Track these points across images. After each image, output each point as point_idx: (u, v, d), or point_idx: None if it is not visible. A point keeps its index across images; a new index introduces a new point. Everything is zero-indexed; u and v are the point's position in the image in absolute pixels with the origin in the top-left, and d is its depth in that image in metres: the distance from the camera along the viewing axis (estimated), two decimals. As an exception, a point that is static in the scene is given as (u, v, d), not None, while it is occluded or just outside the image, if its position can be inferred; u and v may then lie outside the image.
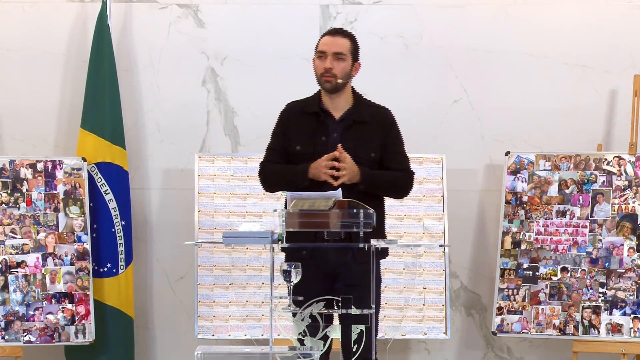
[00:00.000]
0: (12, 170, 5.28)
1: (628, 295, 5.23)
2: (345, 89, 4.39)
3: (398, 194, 4.51)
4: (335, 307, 3.89)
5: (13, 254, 5.23)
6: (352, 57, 4.38)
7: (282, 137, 4.44)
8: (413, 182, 4.49)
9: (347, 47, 4.38)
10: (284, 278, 3.77)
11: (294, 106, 4.49)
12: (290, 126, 4.43)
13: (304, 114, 4.42)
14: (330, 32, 4.44)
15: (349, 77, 4.39)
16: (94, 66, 5.45)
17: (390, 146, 4.43)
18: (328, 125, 4.38)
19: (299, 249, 4.13)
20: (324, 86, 4.37)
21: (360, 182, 4.28)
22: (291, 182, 4.32)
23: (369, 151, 4.36)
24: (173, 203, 5.64)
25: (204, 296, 5.30)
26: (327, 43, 4.38)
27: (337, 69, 4.34)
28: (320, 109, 4.40)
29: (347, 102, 4.42)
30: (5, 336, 5.19)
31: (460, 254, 5.63)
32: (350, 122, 4.38)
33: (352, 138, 4.34)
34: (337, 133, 4.36)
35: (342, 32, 4.44)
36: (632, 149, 5.35)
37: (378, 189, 4.37)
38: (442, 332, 5.32)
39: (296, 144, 4.38)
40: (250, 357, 3.76)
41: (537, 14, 5.65)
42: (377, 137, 4.39)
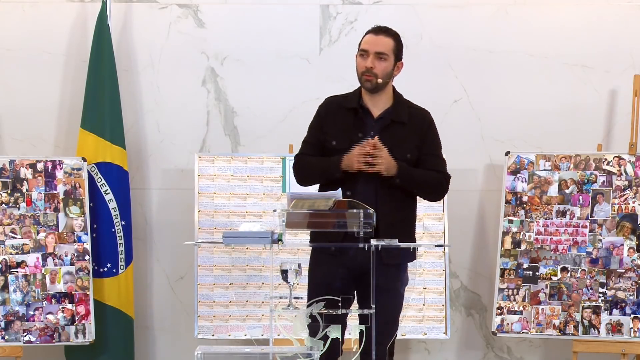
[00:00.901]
0: (12, 170, 5.28)
1: (628, 295, 5.23)
2: (386, 88, 4.36)
3: (433, 194, 4.45)
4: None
5: (13, 254, 5.23)
6: (394, 57, 4.34)
7: (318, 130, 4.39)
8: (448, 185, 4.43)
9: (390, 46, 4.33)
10: (282, 278, 3.77)
11: (333, 101, 4.45)
12: (328, 120, 4.38)
13: (342, 109, 4.37)
14: (373, 30, 4.38)
15: (390, 77, 4.35)
16: (94, 66, 5.45)
17: (427, 148, 4.38)
18: (366, 122, 4.34)
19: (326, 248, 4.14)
20: (365, 85, 4.33)
21: (396, 176, 4.23)
22: (324, 174, 4.30)
23: (405, 152, 4.31)
24: (173, 203, 5.64)
25: (204, 296, 5.30)
26: (370, 42, 4.33)
27: (378, 68, 4.29)
28: (360, 105, 4.36)
29: (387, 101, 4.38)
30: (5, 336, 5.19)
31: (460, 254, 5.63)
32: (388, 121, 4.34)
33: (389, 137, 4.29)
34: (375, 131, 4.31)
35: (386, 31, 4.37)
36: (632, 149, 5.35)
37: (413, 185, 4.31)
38: (442, 332, 5.32)
39: (332, 139, 4.33)
40: (250, 357, 3.76)
41: (537, 14, 5.65)
42: (414, 139, 4.35)
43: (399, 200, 4.17)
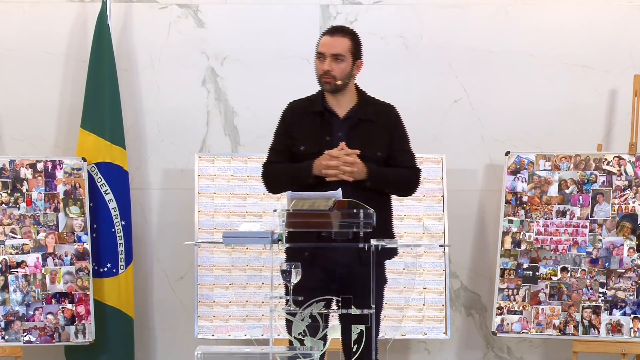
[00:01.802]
0: (12, 170, 5.28)
1: (628, 295, 5.23)
2: (348, 87, 4.33)
3: (405, 191, 4.44)
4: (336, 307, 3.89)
5: (13, 254, 5.23)
6: (352, 57, 4.31)
7: (285, 137, 4.37)
8: (420, 179, 4.42)
9: (347, 47, 4.30)
10: (283, 278, 3.77)
11: (297, 105, 4.42)
12: (294, 126, 4.36)
13: (307, 113, 4.35)
14: (329, 31, 4.36)
15: (349, 77, 4.32)
16: (94, 66, 5.45)
17: (397, 144, 4.37)
18: (332, 124, 4.32)
19: (301, 249, 4.08)
20: (324, 87, 4.31)
21: (367, 179, 4.23)
22: (295, 180, 4.27)
23: (376, 150, 4.30)
24: (173, 203, 5.64)
25: (204, 296, 5.30)
26: (326, 44, 4.30)
27: (336, 70, 4.27)
28: (325, 107, 4.33)
29: (351, 100, 4.36)
30: (5, 336, 5.19)
31: (460, 254, 5.63)
32: (355, 120, 4.32)
33: (358, 137, 4.28)
34: (342, 132, 4.30)
35: (342, 31, 4.35)
36: (632, 149, 5.35)
37: (385, 186, 4.31)
38: (442, 332, 5.32)
39: (300, 144, 4.31)
40: (250, 357, 3.76)
41: (537, 14, 5.65)
42: (383, 136, 4.34)
43: (373, 200, 4.09)
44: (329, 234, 3.88)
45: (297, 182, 4.26)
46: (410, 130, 5.59)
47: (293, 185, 4.28)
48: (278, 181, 4.37)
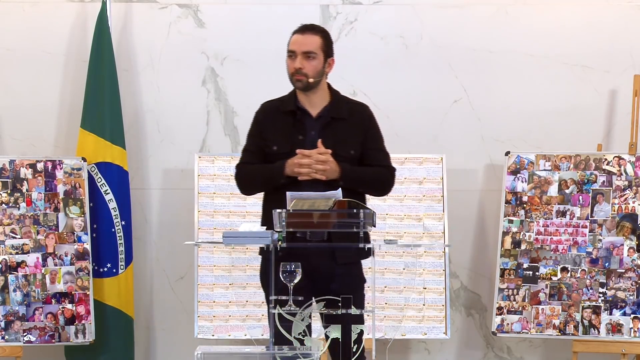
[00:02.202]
0: (12, 170, 5.28)
1: (628, 295, 5.23)
2: (320, 86, 4.30)
3: (380, 190, 4.40)
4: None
5: (13, 254, 5.23)
6: (324, 54, 4.28)
7: (258, 137, 4.35)
8: (394, 178, 4.39)
9: (318, 44, 4.27)
10: (283, 278, 3.76)
11: (269, 105, 4.41)
12: (267, 126, 4.34)
13: (280, 113, 4.33)
14: (300, 30, 4.32)
15: (321, 75, 4.29)
16: (94, 66, 5.45)
17: (370, 142, 4.33)
18: (305, 123, 4.30)
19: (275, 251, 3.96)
20: (296, 85, 4.29)
21: (340, 179, 4.20)
22: (268, 181, 4.26)
23: (349, 148, 4.27)
24: (173, 203, 5.64)
25: (204, 296, 5.30)
26: (297, 42, 4.28)
27: (307, 68, 4.24)
28: (297, 107, 4.31)
29: (323, 98, 4.33)
30: (5, 336, 5.19)
31: (460, 254, 5.63)
32: (328, 119, 4.29)
33: (331, 136, 4.25)
34: (315, 131, 4.27)
35: (313, 29, 4.31)
36: (632, 149, 5.35)
37: (359, 185, 4.26)
38: (442, 332, 5.32)
39: (273, 144, 4.29)
40: (250, 357, 3.76)
41: (537, 14, 5.65)
42: (356, 134, 4.30)
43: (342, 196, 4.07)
44: (303, 235, 3.86)
45: (270, 182, 4.25)
46: (410, 130, 5.63)
47: (266, 186, 4.29)
48: (251, 182, 4.35)
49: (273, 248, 3.82)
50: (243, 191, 4.43)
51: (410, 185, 5.36)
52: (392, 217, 5.33)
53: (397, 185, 5.25)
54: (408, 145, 5.50)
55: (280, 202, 4.11)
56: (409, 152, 5.42)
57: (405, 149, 5.42)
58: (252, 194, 4.49)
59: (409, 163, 5.38)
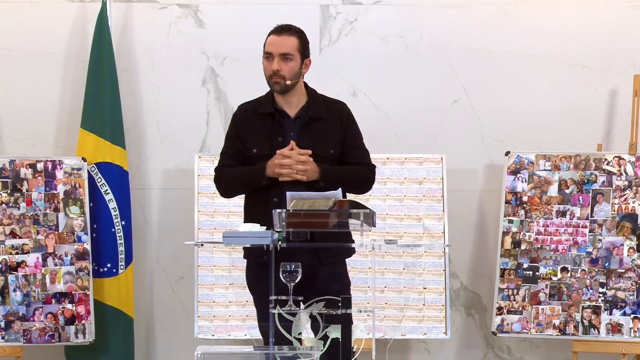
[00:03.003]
0: (12, 170, 5.28)
1: (628, 295, 5.23)
2: (297, 87, 4.29)
3: (360, 189, 4.39)
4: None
5: (13, 254, 5.23)
6: (300, 56, 4.27)
7: (236, 140, 4.33)
8: (375, 175, 4.38)
9: (294, 45, 4.26)
10: (283, 278, 3.76)
11: (247, 108, 4.39)
12: (245, 128, 4.32)
13: (258, 115, 4.31)
14: (276, 30, 4.31)
15: (298, 76, 4.27)
16: (94, 66, 5.45)
17: (349, 141, 4.32)
18: (284, 124, 4.29)
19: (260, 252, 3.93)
20: (274, 88, 4.27)
21: (320, 179, 4.20)
22: (249, 183, 4.25)
23: (328, 148, 4.26)
24: (173, 203, 5.64)
25: (204, 296, 5.30)
26: (273, 43, 4.27)
27: (285, 70, 4.23)
28: (275, 108, 4.30)
29: (301, 99, 4.32)
30: (5, 336, 5.19)
31: (460, 254, 5.63)
32: (306, 119, 4.28)
33: (310, 136, 4.25)
34: (294, 132, 4.27)
35: (289, 30, 4.29)
36: (632, 149, 5.35)
37: (339, 184, 4.21)
38: (442, 332, 5.32)
39: (252, 147, 4.27)
40: (250, 357, 3.76)
41: (537, 14, 5.65)
42: (335, 133, 4.29)
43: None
44: (287, 235, 3.85)
45: (252, 184, 4.24)
46: (410, 130, 5.63)
47: (247, 188, 4.28)
48: (232, 184, 4.34)
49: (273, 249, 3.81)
50: (224, 194, 4.42)
51: (410, 185, 5.36)
52: (392, 217, 5.33)
53: (397, 185, 5.28)
54: (408, 145, 5.51)
55: (262, 202, 4.16)
56: (408, 152, 5.43)
57: (405, 149, 5.43)
58: (233, 196, 4.48)
59: (409, 163, 5.38)
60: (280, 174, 4.17)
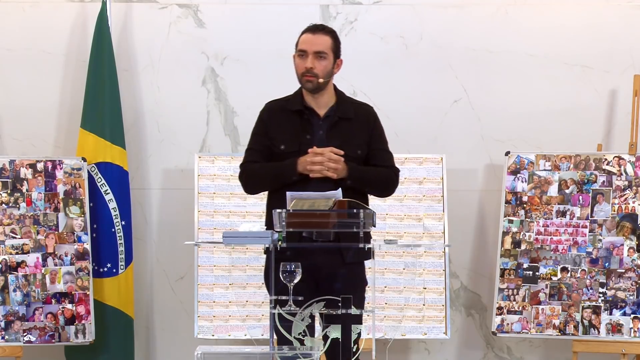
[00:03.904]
0: (12, 170, 5.28)
1: (628, 295, 5.24)
2: (327, 86, 4.32)
3: (384, 191, 4.41)
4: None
5: (13, 254, 5.23)
6: (333, 55, 4.30)
7: (263, 136, 4.34)
8: (398, 179, 4.41)
9: (328, 45, 4.29)
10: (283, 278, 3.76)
11: (275, 105, 4.41)
12: (272, 125, 4.34)
13: (286, 112, 4.34)
14: (310, 29, 4.33)
15: (330, 75, 4.31)
16: (94, 66, 5.46)
17: (375, 143, 4.35)
18: (312, 123, 4.31)
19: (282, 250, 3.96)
20: (306, 86, 4.29)
21: (347, 178, 4.21)
22: (278, 178, 4.25)
23: (355, 148, 4.29)
24: (173, 203, 5.64)
25: (204, 296, 5.30)
26: (308, 41, 4.29)
27: (318, 68, 4.26)
28: (304, 106, 4.32)
29: (330, 99, 4.35)
30: (5, 336, 5.19)
31: (460, 254, 5.64)
32: (335, 119, 4.31)
33: (338, 135, 4.27)
34: (323, 131, 4.29)
35: (323, 29, 4.33)
36: (632, 149, 5.35)
37: (364, 184, 4.28)
38: (442, 332, 5.32)
39: (280, 143, 4.29)
40: (250, 357, 3.76)
41: (537, 14, 5.65)
42: (362, 134, 4.32)
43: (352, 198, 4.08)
44: (310, 235, 3.87)
45: (281, 179, 4.24)
46: (410, 130, 5.63)
47: (275, 183, 4.27)
48: (259, 180, 4.35)
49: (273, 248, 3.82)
50: (248, 190, 4.43)
51: (410, 185, 5.37)
52: (392, 217, 5.33)
53: (397, 185, 5.26)
54: (408, 145, 5.51)
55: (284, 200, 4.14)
56: (409, 152, 5.42)
57: (405, 149, 5.43)
58: (257, 192, 4.49)
59: (409, 163, 5.38)
60: (312, 171, 4.19)
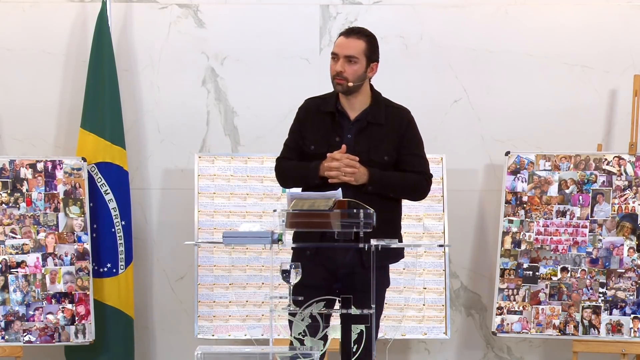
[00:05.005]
0: (12, 170, 5.28)
1: (628, 295, 5.24)
2: (361, 89, 4.32)
3: (412, 195, 4.42)
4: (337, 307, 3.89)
5: (13, 254, 5.23)
6: (366, 59, 4.31)
7: (297, 134, 4.40)
8: (430, 184, 4.40)
9: (360, 49, 4.29)
10: (283, 278, 3.77)
11: (311, 104, 4.44)
12: (306, 124, 4.38)
13: (320, 113, 4.36)
14: (345, 33, 4.36)
15: (362, 79, 4.31)
16: (94, 66, 5.46)
17: (406, 148, 4.34)
18: (343, 125, 4.32)
19: (303, 248, 4.09)
20: (336, 88, 4.32)
21: (368, 184, 4.23)
22: (303, 179, 4.32)
23: (383, 154, 4.29)
24: (173, 203, 5.64)
25: (204, 296, 5.30)
26: (340, 45, 4.31)
27: (348, 72, 4.26)
28: (337, 108, 4.34)
29: (364, 102, 4.36)
30: (5, 336, 5.19)
31: (460, 254, 5.64)
32: (364, 123, 4.31)
33: (366, 140, 4.28)
34: (351, 134, 4.30)
35: (358, 33, 4.34)
36: (632, 149, 5.35)
37: (388, 190, 4.28)
38: (442, 332, 5.32)
39: (311, 143, 4.33)
40: (250, 357, 3.76)
41: (537, 14, 5.65)
42: (392, 139, 4.32)
43: (380, 203, 4.11)
44: (332, 234, 3.88)
45: (305, 181, 4.31)
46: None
47: (301, 183, 4.34)
48: (289, 177, 4.41)
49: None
50: (282, 184, 4.50)
51: (410, 185, 5.36)
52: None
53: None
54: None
55: None
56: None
57: (405, 149, 5.42)
58: (290, 188, 4.49)
59: (409, 163, 5.37)
60: (330, 176, 4.22)
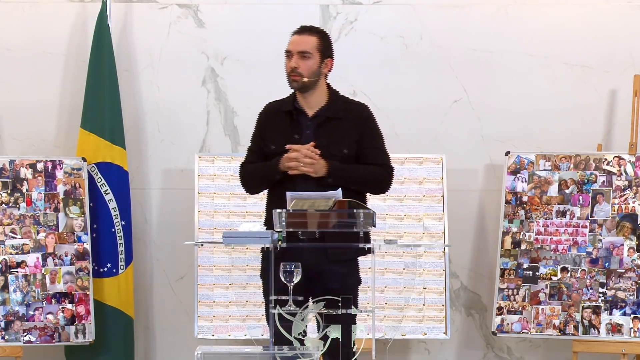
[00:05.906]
0: (12, 170, 5.28)
1: (628, 295, 5.24)
2: (317, 86, 4.38)
3: (374, 188, 4.46)
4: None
5: (13, 254, 5.24)
6: (320, 55, 4.36)
7: (258, 137, 4.47)
8: (392, 177, 4.44)
9: (313, 44, 4.35)
10: (283, 278, 3.77)
11: (271, 106, 4.51)
12: (267, 126, 4.46)
13: (279, 113, 4.44)
14: (297, 31, 4.42)
15: (317, 75, 4.36)
16: (94, 66, 5.46)
17: (366, 141, 4.40)
18: (301, 123, 4.39)
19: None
20: (291, 85, 4.38)
21: (328, 175, 4.26)
22: (265, 177, 4.37)
23: (342, 147, 4.34)
24: (173, 203, 5.64)
25: (204, 296, 5.30)
26: (293, 42, 4.38)
27: (302, 67, 4.32)
28: (294, 107, 4.40)
29: (321, 99, 4.41)
30: (5, 336, 5.19)
31: (460, 254, 5.63)
32: (323, 118, 4.38)
33: (325, 135, 4.33)
34: (310, 130, 4.36)
35: (310, 30, 4.41)
36: (632, 149, 5.35)
37: (349, 182, 4.30)
38: (442, 332, 5.32)
39: (271, 144, 4.39)
40: (250, 357, 3.76)
41: (537, 14, 5.65)
42: (351, 133, 4.37)
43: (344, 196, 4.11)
44: (296, 233, 3.88)
45: (267, 177, 4.36)
46: (410, 130, 5.63)
47: (265, 181, 4.39)
48: (252, 179, 4.46)
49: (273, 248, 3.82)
50: (246, 189, 4.55)
51: (410, 185, 5.37)
52: (392, 217, 5.33)
53: (397, 185, 5.27)
54: (408, 145, 5.51)
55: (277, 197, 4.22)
56: (409, 152, 5.43)
57: (405, 149, 5.43)
58: (255, 192, 4.59)
59: (409, 163, 5.38)
60: (289, 167, 4.27)
